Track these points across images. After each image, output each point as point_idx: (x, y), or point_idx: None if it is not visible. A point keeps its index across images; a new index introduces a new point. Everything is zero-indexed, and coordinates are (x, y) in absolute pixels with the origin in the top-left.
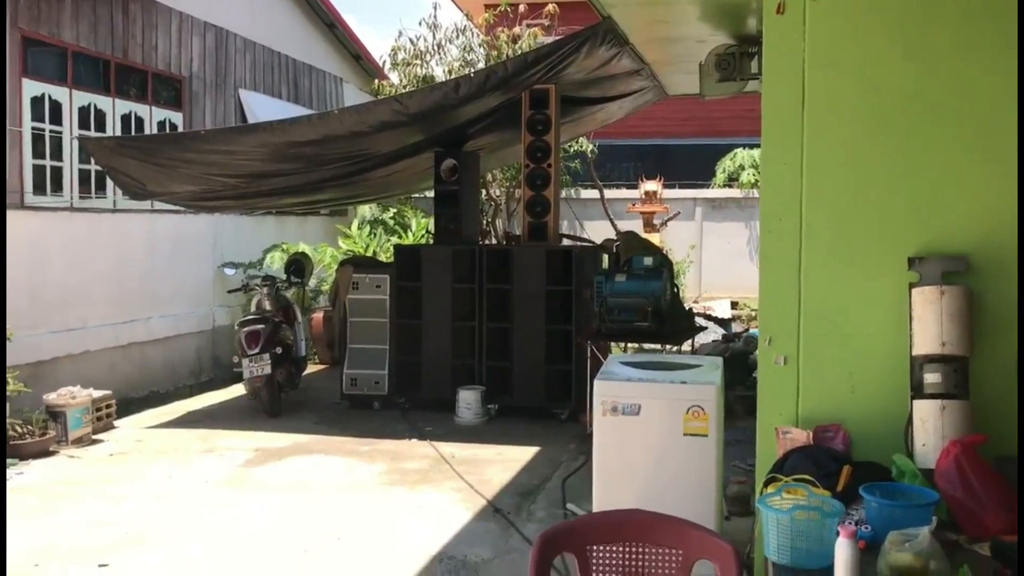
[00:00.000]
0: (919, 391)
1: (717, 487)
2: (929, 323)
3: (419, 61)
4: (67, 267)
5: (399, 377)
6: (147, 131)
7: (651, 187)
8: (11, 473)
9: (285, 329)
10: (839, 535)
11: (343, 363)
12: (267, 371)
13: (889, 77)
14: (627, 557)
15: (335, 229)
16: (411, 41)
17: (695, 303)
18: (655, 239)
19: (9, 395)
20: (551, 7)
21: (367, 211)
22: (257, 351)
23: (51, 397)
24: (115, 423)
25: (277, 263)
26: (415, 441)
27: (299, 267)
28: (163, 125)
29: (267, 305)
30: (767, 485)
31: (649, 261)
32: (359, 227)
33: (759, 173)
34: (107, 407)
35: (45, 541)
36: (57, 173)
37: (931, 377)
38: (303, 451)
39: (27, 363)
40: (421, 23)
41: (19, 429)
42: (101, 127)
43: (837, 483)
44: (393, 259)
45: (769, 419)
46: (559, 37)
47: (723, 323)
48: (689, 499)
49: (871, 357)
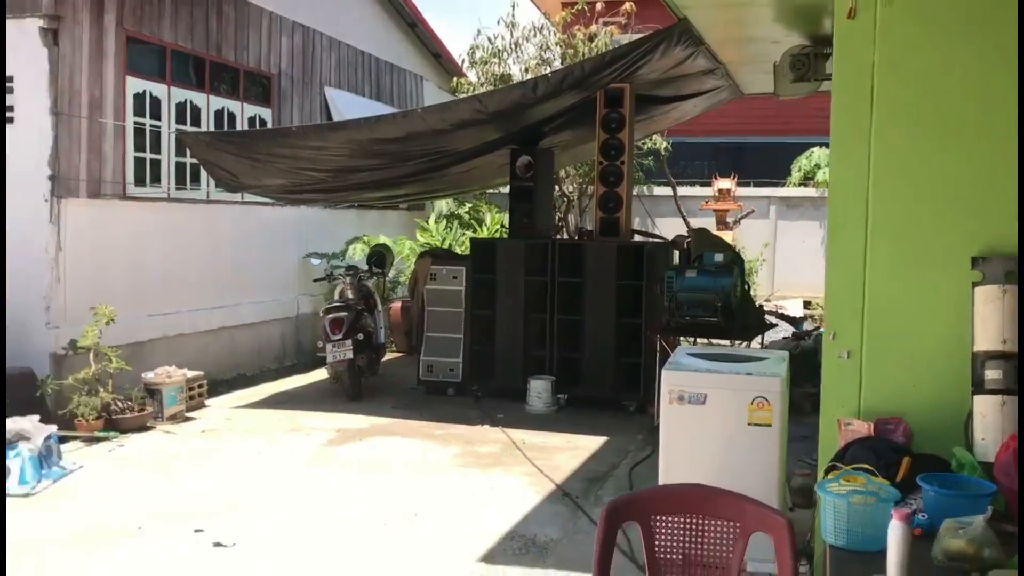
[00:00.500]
0: (980, 387)
1: (780, 476)
2: (991, 321)
3: (496, 59)
4: (164, 254)
5: (473, 365)
6: (239, 126)
7: (725, 185)
8: (112, 446)
9: (366, 317)
10: (892, 518)
11: (420, 351)
12: (349, 356)
13: (956, 81)
14: (687, 527)
15: (413, 223)
16: (489, 40)
17: (767, 301)
18: (728, 237)
19: (111, 372)
20: (628, 5)
21: (444, 206)
22: (340, 337)
23: (149, 376)
24: (206, 402)
25: (359, 254)
26: (487, 427)
27: (380, 258)
28: (253, 121)
29: (349, 294)
30: (827, 473)
31: (720, 258)
32: (436, 221)
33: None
34: (199, 387)
35: (146, 507)
36: (156, 166)
37: (992, 373)
38: (382, 433)
39: (127, 343)
40: (499, 22)
41: (120, 405)
42: (196, 122)
43: (897, 474)
44: (469, 252)
45: (832, 411)
46: (636, 34)
47: (794, 321)
48: (752, 487)
49: (933, 353)
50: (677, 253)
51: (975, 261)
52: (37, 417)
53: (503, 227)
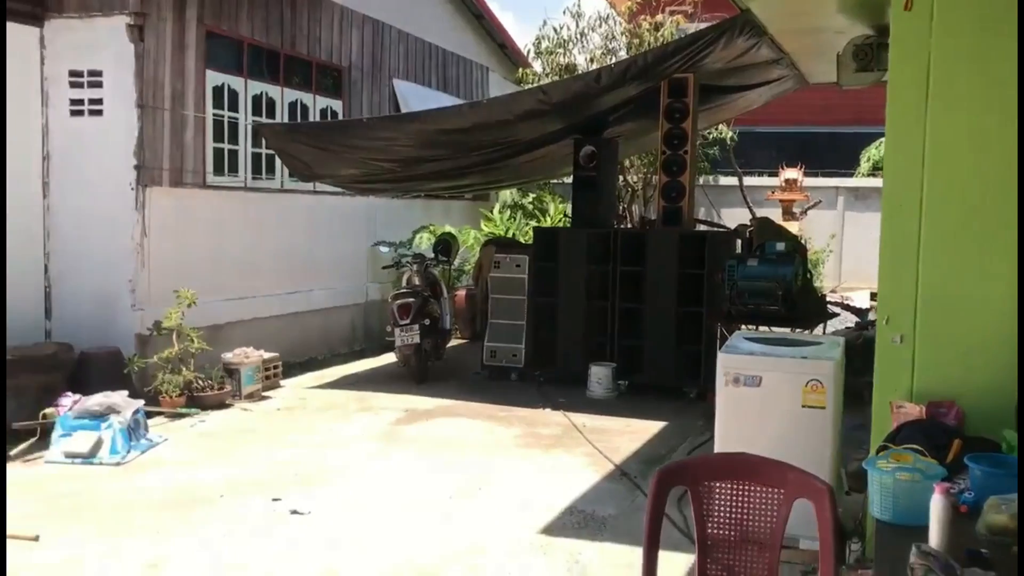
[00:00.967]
0: None
1: (833, 458)
2: None
3: (562, 50)
4: (241, 242)
5: (535, 351)
6: (311, 118)
7: (791, 175)
8: (194, 421)
9: (433, 303)
10: (934, 492)
11: (484, 337)
12: (416, 340)
13: (1012, 67)
14: (734, 493)
15: (478, 212)
16: (555, 30)
17: (833, 292)
18: (794, 227)
19: (193, 352)
20: None
21: (508, 196)
22: (408, 322)
23: (228, 356)
24: (281, 383)
25: (425, 243)
26: (548, 410)
27: (447, 247)
28: (325, 112)
29: (416, 281)
30: (878, 453)
31: (781, 246)
32: (500, 211)
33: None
34: (274, 368)
35: (227, 477)
36: (233, 156)
37: None
38: (447, 413)
39: (207, 326)
40: (565, 12)
41: (201, 383)
42: (271, 114)
43: (947, 455)
44: (532, 241)
45: (885, 394)
46: (702, 23)
47: (859, 312)
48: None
49: (986, 337)
50: (739, 242)
51: None
52: (126, 392)
53: (566, 216)
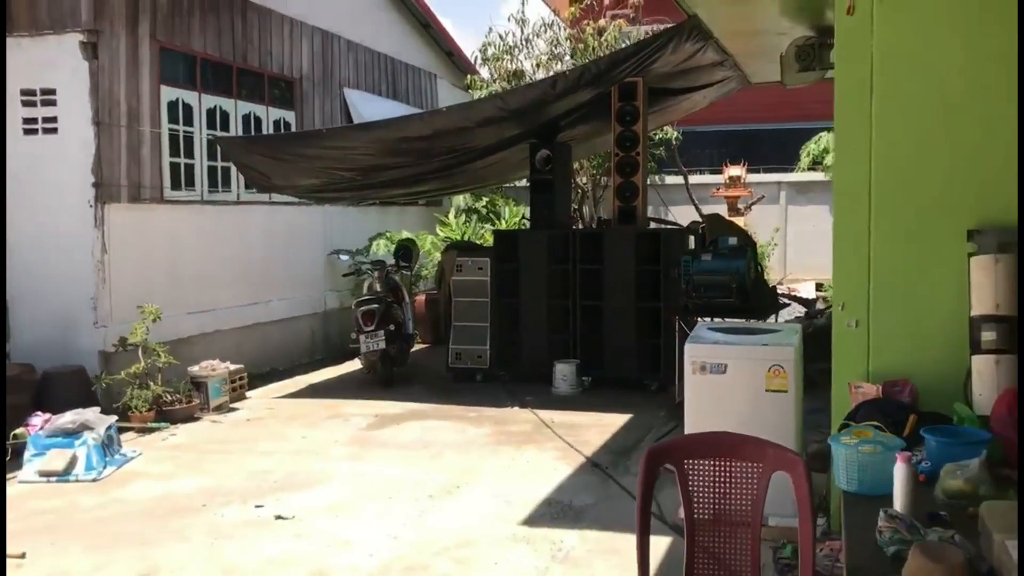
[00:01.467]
0: (976, 348)
1: (797, 438)
2: (985, 288)
3: (508, 56)
4: (199, 255)
5: (499, 352)
6: (265, 130)
7: (735, 172)
8: (165, 435)
9: (396, 309)
10: (897, 461)
11: (448, 340)
12: (382, 346)
13: (950, 67)
14: (716, 469)
15: (432, 218)
16: (500, 37)
17: (780, 284)
18: (740, 223)
19: (160, 367)
20: None
21: (461, 201)
22: (373, 328)
23: (195, 369)
24: (247, 394)
25: (382, 250)
26: (517, 409)
27: (407, 253)
28: (278, 124)
29: (378, 287)
30: (840, 431)
31: (733, 241)
32: (455, 216)
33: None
34: (240, 379)
35: (206, 487)
36: (189, 170)
37: (987, 335)
38: (417, 416)
39: (169, 340)
40: (510, 18)
41: (169, 397)
42: (226, 127)
43: (904, 430)
44: (493, 243)
45: (843, 376)
46: (644, 26)
47: (806, 303)
48: None
49: (934, 319)
50: (692, 238)
51: (971, 234)
52: (98, 409)
53: (525, 219)
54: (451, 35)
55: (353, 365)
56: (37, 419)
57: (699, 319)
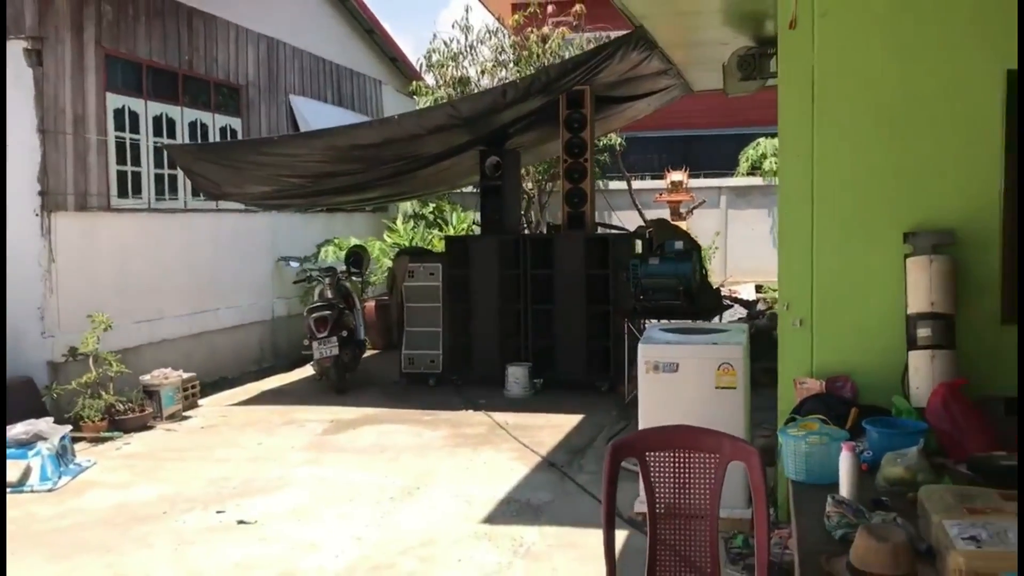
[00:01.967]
0: (913, 344)
1: (746, 432)
2: (921, 287)
3: (453, 63)
4: (147, 263)
5: (452, 356)
6: (211, 137)
7: (677, 177)
8: (118, 444)
9: (348, 315)
10: (842, 450)
11: (401, 345)
12: (335, 352)
13: (886, 78)
14: (676, 460)
15: (380, 224)
16: (445, 43)
17: (721, 287)
18: (682, 227)
19: (112, 375)
20: (579, 6)
21: (409, 207)
22: (326, 334)
23: (146, 378)
24: (199, 402)
25: (331, 256)
26: (471, 412)
27: (358, 259)
28: (224, 131)
29: (329, 294)
30: (787, 424)
31: (679, 245)
32: (403, 222)
33: (777, 163)
34: (192, 387)
35: (165, 494)
36: (136, 178)
37: (923, 332)
38: (373, 421)
39: (117, 349)
40: (454, 25)
41: (122, 406)
42: (172, 134)
43: (846, 423)
44: (444, 249)
45: (788, 372)
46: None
47: (747, 304)
48: None
49: (873, 318)
50: (640, 243)
51: (907, 236)
52: (51, 419)
53: (475, 224)
54: (396, 42)
55: (304, 372)
56: None
57: (647, 321)
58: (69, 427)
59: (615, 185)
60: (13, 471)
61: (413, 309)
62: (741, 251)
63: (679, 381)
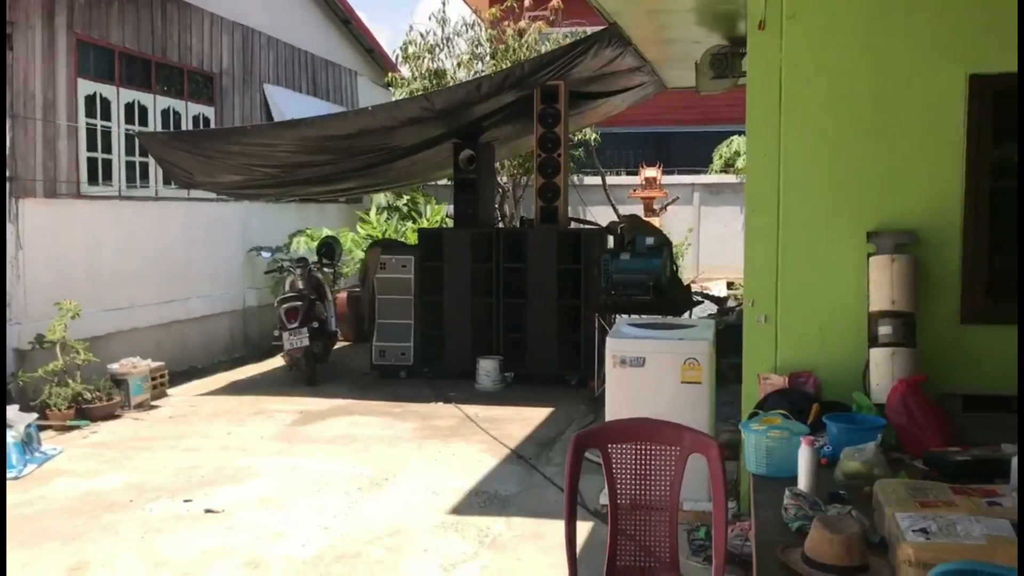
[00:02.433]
0: (874, 341)
1: (710, 426)
2: (882, 286)
3: (429, 55)
4: (117, 251)
5: (423, 349)
6: (184, 125)
7: (651, 173)
8: (85, 433)
9: (319, 306)
10: (801, 444)
11: (372, 337)
12: (305, 343)
13: (852, 82)
14: (638, 452)
15: (353, 215)
16: (421, 35)
17: (693, 283)
18: (655, 223)
19: (79, 364)
20: (555, 1)
21: (383, 198)
22: (296, 325)
23: (115, 367)
24: (168, 391)
25: (303, 247)
26: (441, 404)
27: (330, 250)
28: (197, 119)
29: (301, 284)
30: (750, 418)
31: (651, 241)
32: (376, 213)
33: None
34: (161, 377)
35: (132, 483)
36: (107, 165)
37: (884, 329)
38: (343, 412)
39: (86, 337)
40: (431, 17)
41: (89, 395)
42: (144, 122)
43: (808, 418)
44: (417, 241)
45: (752, 367)
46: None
47: (718, 300)
48: None
49: (837, 315)
50: (612, 238)
51: (870, 236)
52: (17, 407)
53: (448, 217)
54: (372, 32)
55: (274, 363)
56: None
57: (618, 316)
58: (35, 415)
59: (590, 180)
60: None
61: (385, 301)
62: (713, 248)
63: (646, 375)
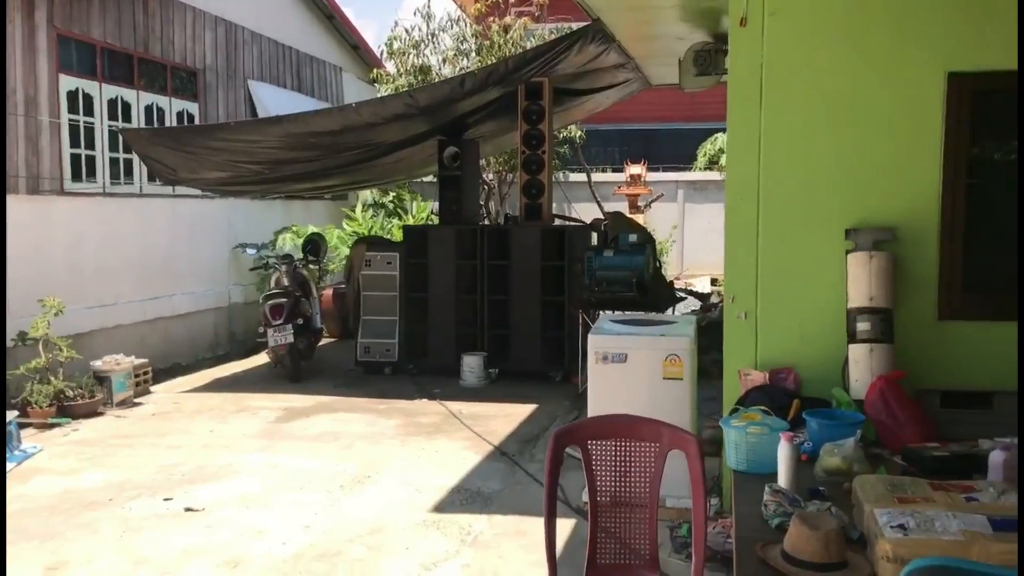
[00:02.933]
0: (853, 337)
1: (692, 422)
2: (860, 282)
3: (414, 50)
4: (100, 248)
5: (408, 345)
6: (167, 121)
7: (636, 170)
8: (67, 430)
9: (304, 303)
10: (780, 440)
11: (357, 334)
12: (290, 340)
13: (833, 79)
14: (617, 448)
15: (338, 212)
16: (406, 31)
17: (677, 279)
18: (640, 220)
19: (61, 361)
20: None
21: (368, 195)
22: (281, 322)
23: (97, 364)
24: (151, 388)
25: (288, 244)
26: (425, 401)
27: (315, 247)
28: (181, 115)
29: (286, 281)
30: (731, 414)
31: (634, 238)
32: (362, 210)
33: (726, 158)
34: (144, 374)
35: (112, 481)
36: (91, 161)
37: (862, 326)
38: (327, 409)
39: (69, 335)
40: (416, 13)
41: (71, 392)
42: (127, 118)
43: (788, 414)
44: (402, 238)
45: (733, 363)
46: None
47: (702, 296)
48: None
49: (816, 312)
50: (595, 235)
51: (848, 232)
52: None
53: (434, 214)
54: (357, 28)
55: (259, 359)
56: None
57: (601, 312)
58: (16, 412)
59: (575, 177)
60: None
61: (370, 298)
62: (698, 244)
63: (628, 371)
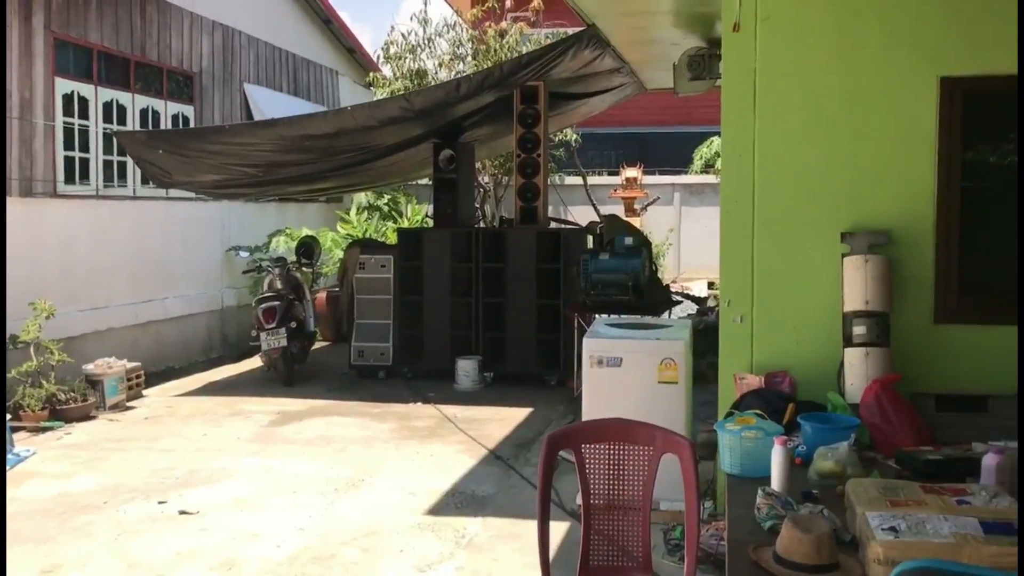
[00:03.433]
0: (848, 341)
1: (687, 426)
2: (856, 286)
3: (411, 55)
4: (93, 250)
5: (402, 349)
6: (163, 124)
7: (632, 173)
8: (59, 434)
9: (297, 306)
10: (774, 445)
11: (351, 337)
12: (283, 343)
13: (826, 84)
14: (610, 452)
15: (333, 215)
16: (403, 35)
17: (673, 283)
18: (636, 223)
19: (54, 364)
20: (536, 1)
21: (363, 198)
22: (274, 325)
23: (90, 367)
24: (144, 392)
25: (282, 247)
26: (420, 404)
27: (309, 250)
28: (177, 119)
29: (279, 284)
30: (726, 418)
31: (630, 241)
32: (357, 213)
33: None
34: (137, 377)
35: (106, 485)
36: (84, 164)
37: (858, 329)
38: (320, 413)
39: (61, 338)
40: (412, 18)
41: (63, 395)
42: (123, 121)
43: (783, 417)
44: (397, 241)
45: (729, 367)
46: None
47: (698, 300)
48: None
49: (811, 315)
50: (591, 238)
51: (844, 236)
52: None
53: (428, 217)
54: (353, 32)
55: (252, 363)
56: None
57: (597, 316)
58: (8, 416)
59: (571, 180)
60: None
61: (364, 301)
62: (694, 248)
63: (622, 375)
